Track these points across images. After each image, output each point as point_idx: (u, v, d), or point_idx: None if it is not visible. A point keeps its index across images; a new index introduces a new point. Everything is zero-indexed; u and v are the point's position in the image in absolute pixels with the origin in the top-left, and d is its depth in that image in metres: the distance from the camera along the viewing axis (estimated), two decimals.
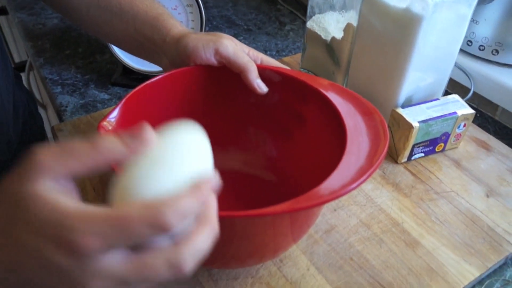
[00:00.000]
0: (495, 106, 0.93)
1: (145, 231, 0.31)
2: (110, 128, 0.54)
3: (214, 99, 0.67)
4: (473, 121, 0.85)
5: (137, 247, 0.33)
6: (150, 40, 0.66)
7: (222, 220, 0.48)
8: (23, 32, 1.12)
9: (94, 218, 0.31)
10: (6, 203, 0.33)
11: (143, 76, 0.92)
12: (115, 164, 0.35)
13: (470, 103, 0.90)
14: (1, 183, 0.34)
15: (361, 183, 0.47)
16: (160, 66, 0.69)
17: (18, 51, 1.77)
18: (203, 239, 0.35)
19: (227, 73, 0.62)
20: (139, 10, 0.66)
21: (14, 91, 0.70)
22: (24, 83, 1.10)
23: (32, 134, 0.75)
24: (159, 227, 0.31)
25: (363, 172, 0.48)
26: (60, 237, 0.30)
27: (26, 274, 0.33)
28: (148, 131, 0.35)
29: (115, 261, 0.32)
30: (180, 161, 0.36)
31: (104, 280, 0.32)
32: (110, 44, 0.91)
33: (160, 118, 0.63)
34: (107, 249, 0.31)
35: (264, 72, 0.63)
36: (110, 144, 0.34)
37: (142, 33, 0.66)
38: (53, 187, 0.32)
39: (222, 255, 0.53)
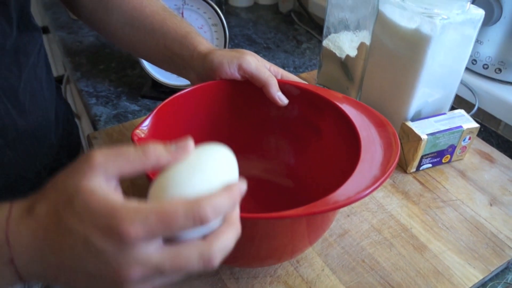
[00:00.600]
0: (498, 121, 0.92)
1: (186, 223, 0.33)
2: (142, 135, 0.55)
3: (237, 111, 0.68)
4: (478, 135, 0.84)
5: (171, 240, 0.34)
6: (179, 56, 0.67)
7: (245, 221, 0.48)
8: (62, 49, 1.14)
9: (141, 210, 0.32)
10: (60, 193, 0.35)
11: (171, 90, 0.93)
12: (159, 169, 0.37)
13: (475, 118, 0.90)
14: (57, 175, 0.36)
15: (374, 189, 0.47)
16: (188, 79, 0.69)
17: (56, 66, 1.80)
18: (229, 237, 0.36)
19: (250, 87, 0.63)
20: (169, 29, 0.67)
21: (56, 100, 0.72)
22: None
23: (70, 140, 0.77)
24: (199, 220, 0.33)
25: (376, 180, 0.48)
26: (108, 226, 0.32)
27: (68, 258, 0.34)
28: (190, 143, 0.37)
29: (154, 250, 0.33)
30: (213, 169, 0.38)
31: (143, 267, 0.33)
32: (140, 60, 0.92)
33: (187, 128, 0.64)
34: (150, 239, 0.33)
35: (284, 86, 0.64)
36: (158, 151, 0.36)
37: (172, 49, 0.67)
38: (104, 184, 0.34)
39: (244, 254, 0.53)
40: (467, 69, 0.93)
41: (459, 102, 0.95)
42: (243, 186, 0.37)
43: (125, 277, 0.33)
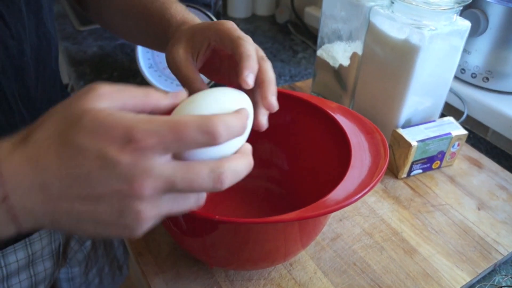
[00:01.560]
0: (486, 128, 0.92)
1: (198, 136, 0.32)
2: None
3: None
4: (466, 141, 0.85)
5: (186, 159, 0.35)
6: (164, 37, 0.62)
7: (239, 226, 0.49)
8: (67, 59, 1.15)
9: (154, 121, 0.31)
10: (63, 116, 0.33)
11: None
12: (158, 111, 0.36)
13: (464, 125, 0.90)
14: (54, 107, 0.34)
15: (363, 195, 0.47)
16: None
17: (62, 75, 1.80)
18: (241, 162, 0.36)
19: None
20: (152, 13, 0.63)
21: None
22: None
23: None
24: (211, 135, 0.32)
25: (365, 186, 0.48)
26: (124, 137, 0.31)
27: (75, 182, 0.32)
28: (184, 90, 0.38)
29: (167, 162, 0.32)
30: (228, 101, 0.40)
31: (155, 178, 0.32)
32: (141, 69, 0.92)
33: None
34: (163, 150, 0.32)
35: (279, 95, 0.64)
36: (158, 94, 0.36)
37: (156, 33, 0.63)
38: (109, 108, 0.33)
39: (238, 257, 0.53)
40: (456, 78, 0.93)
41: (448, 110, 0.95)
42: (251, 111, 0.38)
43: (139, 190, 0.31)
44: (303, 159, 0.67)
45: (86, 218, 0.33)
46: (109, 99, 0.33)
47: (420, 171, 0.77)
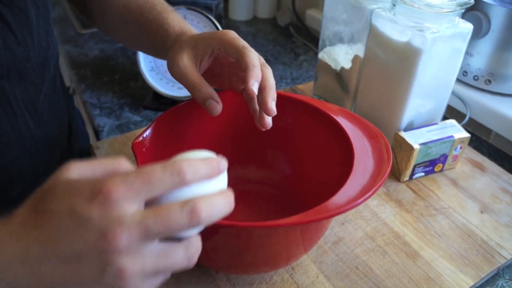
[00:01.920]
0: (489, 131, 0.92)
1: (165, 177, 0.32)
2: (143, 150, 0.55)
3: (235, 122, 0.67)
4: (469, 144, 0.84)
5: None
6: (162, 46, 0.63)
7: (240, 230, 0.48)
8: (68, 62, 1.15)
9: (123, 173, 0.33)
10: (42, 191, 0.34)
11: (172, 101, 0.93)
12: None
13: (466, 127, 0.89)
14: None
15: (365, 200, 0.47)
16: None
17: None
18: (217, 198, 0.35)
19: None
20: (150, 20, 0.64)
21: (69, 110, 0.72)
22: None
23: (81, 147, 0.78)
24: (177, 173, 0.33)
25: (367, 190, 0.48)
26: (92, 191, 0.31)
27: (53, 242, 0.32)
28: None
29: (137, 210, 0.32)
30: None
31: (128, 226, 0.31)
32: (142, 72, 0.92)
33: (186, 138, 0.64)
34: (133, 198, 0.32)
35: (281, 98, 0.63)
36: (126, 163, 0.36)
37: (154, 40, 0.64)
38: (80, 175, 0.34)
39: (240, 262, 0.53)
40: (458, 80, 0.93)
41: (451, 112, 0.94)
42: (223, 162, 0.37)
43: (113, 241, 0.30)
44: (305, 162, 0.66)
45: (70, 281, 0.32)
46: (79, 169, 0.34)
47: (423, 174, 0.76)
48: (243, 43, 0.52)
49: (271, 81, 0.50)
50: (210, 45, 0.53)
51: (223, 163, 0.37)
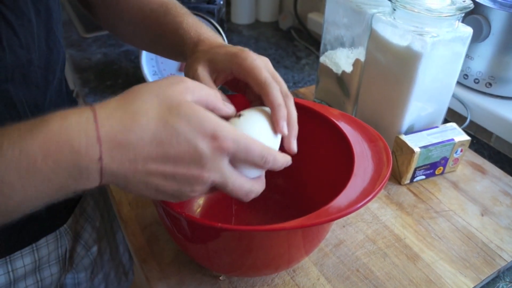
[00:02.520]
0: (489, 134, 0.92)
1: (257, 159, 0.42)
2: None
3: None
4: (470, 147, 0.85)
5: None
6: (177, 50, 0.63)
7: (242, 233, 0.49)
8: (72, 66, 1.16)
9: (234, 130, 0.41)
10: (164, 101, 0.40)
11: None
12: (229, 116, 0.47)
13: (467, 130, 0.90)
14: (143, 86, 0.41)
15: (365, 203, 0.47)
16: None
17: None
18: (281, 156, 0.46)
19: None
20: (167, 25, 0.64)
21: None
22: None
23: None
24: (263, 162, 0.43)
25: (367, 194, 0.48)
26: (213, 135, 0.39)
27: (169, 149, 0.39)
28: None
29: (228, 165, 0.42)
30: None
31: (218, 175, 0.41)
32: (145, 76, 0.93)
33: None
34: (232, 155, 0.41)
35: None
36: (222, 100, 0.46)
37: (169, 44, 0.64)
38: (194, 102, 0.41)
39: (242, 264, 0.53)
40: (459, 83, 0.93)
41: (452, 115, 0.95)
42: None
43: (205, 179, 0.41)
44: (306, 166, 0.67)
45: (154, 187, 0.41)
46: (193, 93, 0.41)
47: (423, 177, 0.77)
48: (265, 75, 0.50)
49: (293, 116, 0.52)
50: (228, 67, 0.52)
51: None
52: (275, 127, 0.49)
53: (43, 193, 0.37)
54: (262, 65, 0.51)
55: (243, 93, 0.59)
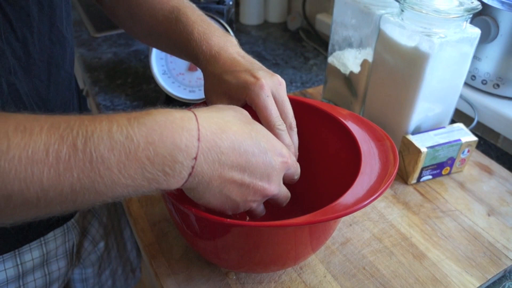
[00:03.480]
0: (497, 135, 0.93)
1: (296, 176, 0.53)
2: None
3: None
4: (477, 148, 0.85)
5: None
6: (192, 58, 0.64)
7: (250, 229, 0.50)
8: (82, 65, 1.17)
9: (293, 158, 0.51)
10: (239, 114, 0.47)
11: (183, 104, 0.95)
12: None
13: (474, 131, 0.90)
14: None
15: (372, 201, 0.48)
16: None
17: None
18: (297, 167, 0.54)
19: None
20: (174, 34, 0.65)
21: (82, 111, 0.74)
22: None
23: None
24: (293, 177, 0.53)
25: (374, 192, 0.49)
26: (281, 152, 0.48)
27: (252, 160, 0.44)
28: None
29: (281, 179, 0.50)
30: None
31: (277, 186, 0.49)
32: (155, 75, 0.94)
33: None
34: (288, 171, 0.50)
35: (292, 103, 0.65)
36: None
37: (183, 52, 0.65)
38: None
39: (249, 260, 0.54)
40: (466, 84, 0.94)
41: (459, 116, 0.95)
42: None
43: (269, 190, 0.47)
44: (314, 165, 0.68)
45: (227, 194, 0.45)
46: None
47: (430, 177, 0.77)
48: (274, 118, 0.53)
49: (297, 151, 0.58)
50: (243, 98, 0.54)
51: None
52: None
53: (132, 182, 0.38)
54: (272, 105, 0.54)
55: None
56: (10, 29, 0.53)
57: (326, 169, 0.66)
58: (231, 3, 1.02)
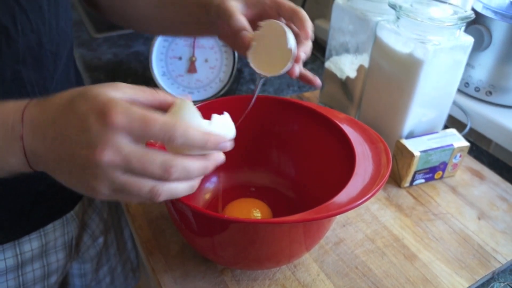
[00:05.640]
0: (489, 141, 0.95)
1: (158, 133, 0.38)
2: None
3: (246, 128, 0.69)
4: (469, 153, 0.87)
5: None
6: (202, 17, 0.66)
7: (246, 226, 0.51)
8: (82, 65, 1.18)
9: (131, 108, 0.38)
10: (79, 90, 0.40)
11: None
12: (164, 107, 0.43)
13: (467, 137, 0.92)
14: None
15: (364, 201, 0.49)
16: (219, 36, 0.68)
17: None
18: (196, 164, 0.41)
19: (257, 105, 0.66)
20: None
21: None
22: None
23: None
24: (168, 137, 0.38)
25: (367, 192, 0.50)
26: (102, 110, 0.37)
27: (62, 130, 0.39)
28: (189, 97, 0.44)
29: (129, 143, 0.38)
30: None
31: (114, 151, 0.37)
32: (154, 76, 0.95)
33: None
34: (128, 132, 0.38)
35: (288, 104, 0.66)
36: (165, 94, 0.43)
37: (195, 13, 0.68)
38: (120, 98, 0.39)
39: (245, 257, 0.56)
40: (460, 91, 0.95)
41: (452, 122, 0.97)
42: (224, 142, 0.42)
43: (99, 156, 0.37)
44: (310, 166, 0.69)
45: (65, 169, 0.40)
46: (122, 91, 0.40)
47: (423, 180, 0.79)
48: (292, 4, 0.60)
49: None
50: (261, 2, 0.60)
51: (226, 144, 0.43)
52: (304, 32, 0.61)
53: None
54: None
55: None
56: (27, 20, 0.55)
57: (321, 170, 0.67)
58: None
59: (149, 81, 1.08)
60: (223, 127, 0.44)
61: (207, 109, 0.65)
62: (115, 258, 0.88)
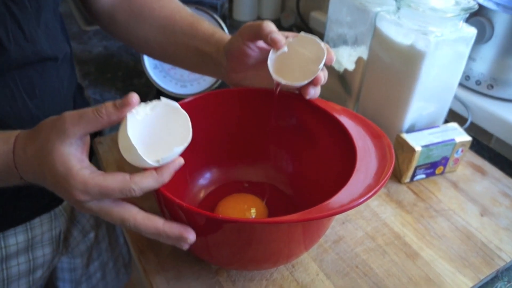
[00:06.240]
0: (490, 135, 0.93)
1: (119, 195, 0.44)
2: None
3: (238, 121, 0.68)
4: (470, 148, 0.85)
5: None
6: (208, 55, 0.67)
7: (242, 225, 0.49)
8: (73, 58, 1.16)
9: (88, 183, 0.43)
10: (43, 145, 0.45)
11: (174, 99, 0.94)
12: (112, 124, 0.46)
13: (468, 132, 0.90)
14: (44, 123, 0.46)
15: (367, 199, 0.47)
16: (222, 78, 0.69)
17: None
18: (148, 181, 0.45)
19: (251, 98, 0.64)
20: (197, 31, 0.67)
21: (76, 100, 0.74)
22: None
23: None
24: (129, 194, 0.44)
25: (369, 189, 0.48)
26: (65, 187, 0.44)
27: (45, 178, 0.46)
28: (134, 97, 0.45)
29: (95, 203, 0.45)
30: (163, 131, 0.49)
31: (85, 196, 0.44)
32: (146, 70, 0.93)
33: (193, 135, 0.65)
34: (91, 201, 0.45)
35: (285, 96, 0.64)
36: (108, 110, 0.44)
37: (201, 50, 0.67)
38: (71, 147, 0.44)
39: (241, 257, 0.54)
40: (461, 84, 0.94)
41: (453, 116, 0.95)
42: (178, 165, 0.47)
43: (74, 197, 0.44)
44: (308, 161, 0.67)
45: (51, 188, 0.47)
46: (73, 134, 0.44)
47: (424, 176, 0.77)
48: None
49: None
50: (238, 40, 0.62)
51: (177, 164, 0.47)
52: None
53: None
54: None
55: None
56: (18, 29, 0.53)
57: (320, 166, 0.65)
58: None
59: (140, 74, 1.06)
60: (171, 146, 0.46)
61: (194, 106, 0.63)
62: (106, 253, 0.86)
